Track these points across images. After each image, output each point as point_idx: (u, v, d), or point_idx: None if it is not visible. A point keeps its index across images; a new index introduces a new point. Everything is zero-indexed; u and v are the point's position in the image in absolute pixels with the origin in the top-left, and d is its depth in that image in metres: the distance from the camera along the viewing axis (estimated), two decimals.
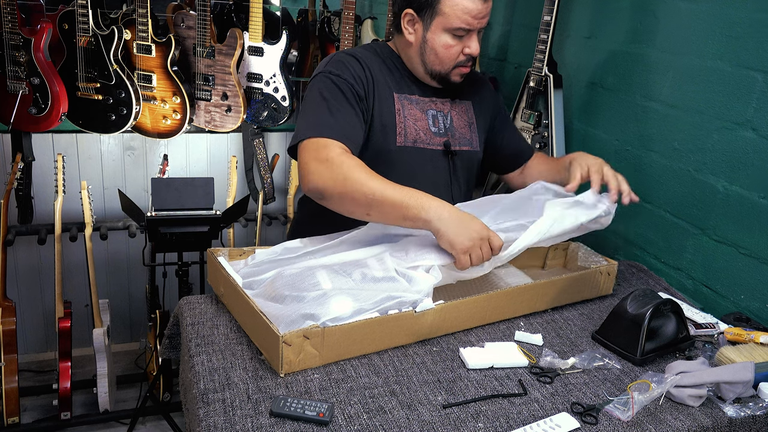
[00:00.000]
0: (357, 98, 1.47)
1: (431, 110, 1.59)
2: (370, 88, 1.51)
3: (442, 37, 1.48)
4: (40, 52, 2.22)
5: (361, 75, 1.50)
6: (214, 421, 1.01)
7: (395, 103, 1.54)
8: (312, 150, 1.38)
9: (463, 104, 1.67)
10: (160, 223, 2.15)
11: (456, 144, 1.62)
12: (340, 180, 1.33)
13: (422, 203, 1.30)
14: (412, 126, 1.55)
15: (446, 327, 1.31)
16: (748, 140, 1.59)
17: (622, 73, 2.01)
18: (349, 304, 1.19)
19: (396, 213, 1.31)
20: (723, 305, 1.67)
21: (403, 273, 1.29)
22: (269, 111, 2.48)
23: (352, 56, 1.53)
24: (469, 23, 1.46)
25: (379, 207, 1.31)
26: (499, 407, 1.11)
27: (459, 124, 1.64)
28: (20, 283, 2.76)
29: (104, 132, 2.39)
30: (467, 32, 1.48)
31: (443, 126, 1.60)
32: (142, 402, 2.39)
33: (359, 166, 1.35)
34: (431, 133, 1.58)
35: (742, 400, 1.19)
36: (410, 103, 1.57)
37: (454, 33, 1.47)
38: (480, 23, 1.48)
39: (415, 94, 1.58)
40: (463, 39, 1.49)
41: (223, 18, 2.49)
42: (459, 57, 1.51)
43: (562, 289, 1.47)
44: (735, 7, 1.63)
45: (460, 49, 1.50)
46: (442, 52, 1.50)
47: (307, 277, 1.26)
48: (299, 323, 1.15)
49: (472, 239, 1.28)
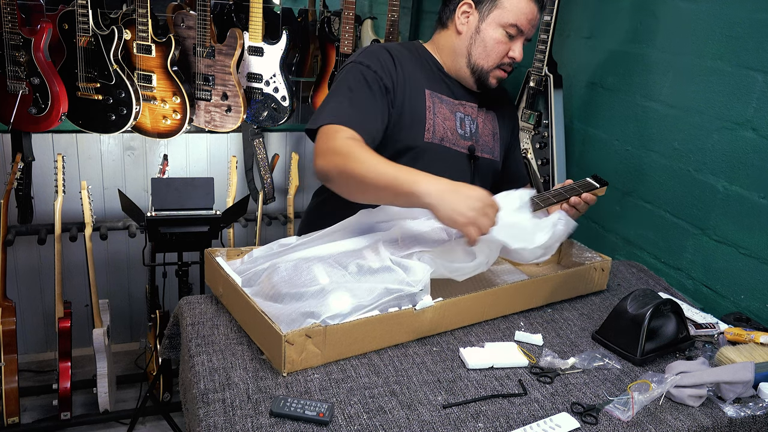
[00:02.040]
0: (383, 90, 1.47)
1: (459, 113, 1.60)
2: (399, 82, 1.51)
3: (496, 30, 1.51)
4: (40, 52, 2.22)
5: (391, 68, 1.51)
6: (214, 421, 1.01)
7: (426, 100, 1.55)
8: (324, 135, 1.40)
9: (490, 114, 1.68)
10: (160, 223, 2.15)
11: (480, 150, 1.63)
12: (341, 160, 1.33)
13: (413, 178, 1.24)
14: (441, 124, 1.56)
15: (446, 324, 1.31)
16: (748, 140, 1.59)
17: (622, 73, 2.01)
18: (347, 300, 1.20)
19: (389, 190, 1.27)
20: (723, 305, 1.67)
21: (398, 262, 1.29)
22: (269, 111, 2.48)
23: (385, 49, 1.55)
24: (522, 24, 1.50)
25: (374, 185, 1.29)
26: (499, 407, 1.11)
27: (484, 132, 1.65)
28: (20, 283, 2.77)
29: (104, 132, 2.39)
30: (518, 33, 1.52)
31: (470, 130, 1.61)
32: (142, 402, 2.39)
33: (362, 148, 1.34)
34: (458, 135, 1.59)
35: (742, 400, 1.19)
36: (441, 102, 1.58)
37: (507, 30, 1.51)
38: (529, 29, 1.53)
39: (445, 95, 1.60)
40: (512, 41, 1.53)
41: (223, 18, 2.49)
42: (504, 58, 1.54)
43: (558, 285, 1.48)
44: (735, 7, 1.63)
45: (507, 49, 1.53)
46: (491, 46, 1.53)
47: (304, 272, 1.26)
48: (300, 322, 1.15)
49: (474, 208, 1.21)
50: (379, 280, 1.25)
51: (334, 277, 1.25)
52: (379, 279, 1.26)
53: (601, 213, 2.12)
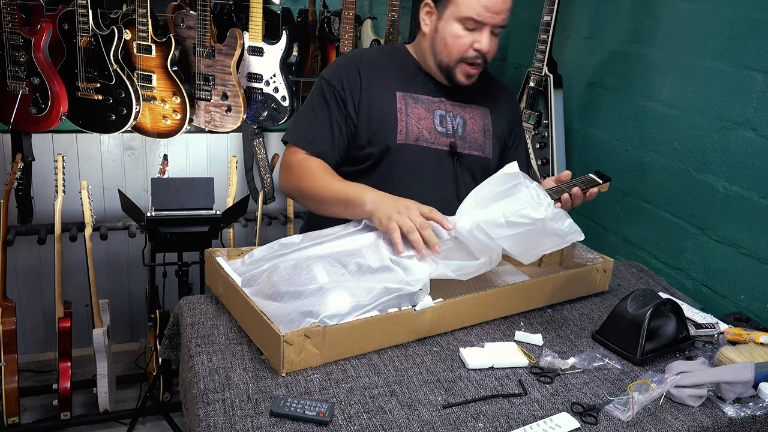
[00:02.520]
0: (340, 105, 1.55)
1: (439, 110, 1.60)
2: (364, 90, 1.55)
3: (453, 26, 1.49)
4: (40, 52, 2.22)
5: (352, 80, 1.55)
6: (214, 421, 1.01)
7: (397, 102, 1.56)
8: (285, 155, 1.58)
9: (480, 110, 1.66)
10: (160, 223, 2.15)
11: (465, 147, 1.61)
12: (296, 182, 1.51)
13: (358, 193, 1.40)
14: (415, 124, 1.56)
15: (446, 325, 1.31)
16: (748, 140, 1.59)
17: (622, 73, 2.01)
18: (346, 299, 1.19)
19: (342, 206, 1.43)
20: (723, 305, 1.67)
21: (398, 262, 1.29)
22: (269, 111, 2.48)
23: (351, 60, 1.59)
24: (480, 14, 1.46)
25: (329, 203, 1.46)
26: (499, 407, 1.11)
27: (473, 128, 1.63)
28: (20, 283, 2.76)
29: (104, 132, 2.39)
30: (479, 25, 1.47)
31: (451, 127, 1.60)
32: (142, 402, 2.39)
33: (314, 167, 1.49)
34: (437, 133, 1.58)
35: (742, 400, 1.19)
36: (415, 102, 1.58)
37: (464, 24, 1.47)
38: (493, 19, 1.47)
39: (422, 94, 1.59)
40: (474, 32, 1.49)
41: (223, 18, 2.49)
42: (468, 51, 1.50)
43: (559, 286, 1.48)
44: (735, 7, 1.63)
45: (470, 42, 1.49)
46: (450, 42, 1.50)
47: (303, 270, 1.26)
48: (298, 321, 1.15)
49: (397, 209, 1.33)
50: (378, 279, 1.25)
51: (333, 276, 1.25)
52: (379, 278, 1.26)
53: (601, 213, 2.12)
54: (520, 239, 1.28)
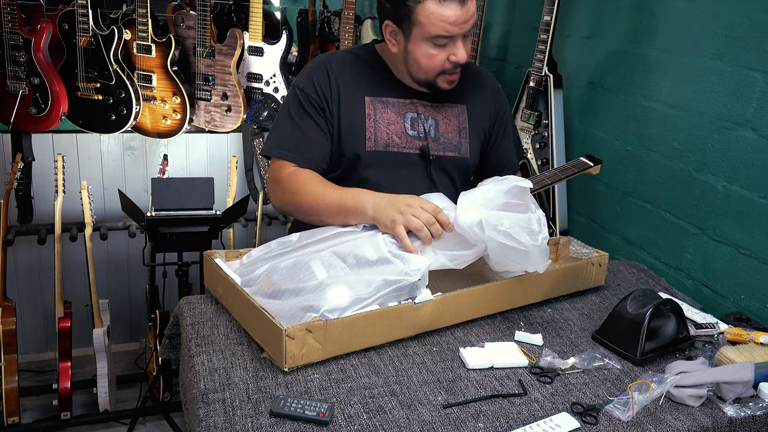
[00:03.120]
0: (319, 111, 1.52)
1: (410, 113, 1.56)
2: (334, 97, 1.52)
3: (423, 47, 1.44)
4: (40, 52, 2.22)
5: (324, 86, 1.52)
6: (214, 421, 1.01)
7: (366, 108, 1.53)
8: (271, 171, 1.55)
9: (455, 108, 1.61)
10: (160, 223, 2.15)
11: (439, 149, 1.58)
12: (290, 197, 1.48)
13: (358, 199, 1.39)
14: (384, 130, 1.53)
15: (445, 319, 1.32)
16: (748, 140, 1.59)
17: (622, 73, 2.01)
18: (345, 293, 1.20)
19: (343, 216, 1.41)
20: (723, 305, 1.67)
21: (396, 253, 1.29)
22: (269, 111, 2.48)
23: (320, 64, 1.56)
24: (448, 30, 1.40)
25: (326, 213, 1.43)
26: (499, 407, 1.11)
27: (446, 129, 1.59)
28: (20, 283, 2.77)
29: (104, 132, 2.39)
30: (449, 39, 1.43)
31: (423, 129, 1.56)
32: (142, 402, 2.39)
33: (306, 179, 1.47)
34: (408, 137, 1.55)
35: (742, 400, 1.19)
36: (384, 106, 1.54)
37: (434, 42, 1.43)
38: (461, 29, 1.42)
39: (393, 97, 1.56)
40: (447, 47, 1.44)
41: (223, 18, 2.49)
42: (444, 65, 1.46)
43: (556, 281, 1.48)
44: (735, 7, 1.63)
45: (445, 57, 1.45)
46: (424, 62, 1.46)
47: (302, 268, 1.26)
48: (299, 316, 1.16)
49: (400, 211, 1.32)
50: (377, 272, 1.25)
51: (332, 271, 1.25)
52: (378, 271, 1.25)
53: (601, 213, 2.12)
54: (505, 249, 1.29)
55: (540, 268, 1.32)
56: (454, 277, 1.44)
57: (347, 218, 1.41)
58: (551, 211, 2.18)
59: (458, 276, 1.46)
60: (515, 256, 1.30)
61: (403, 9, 1.41)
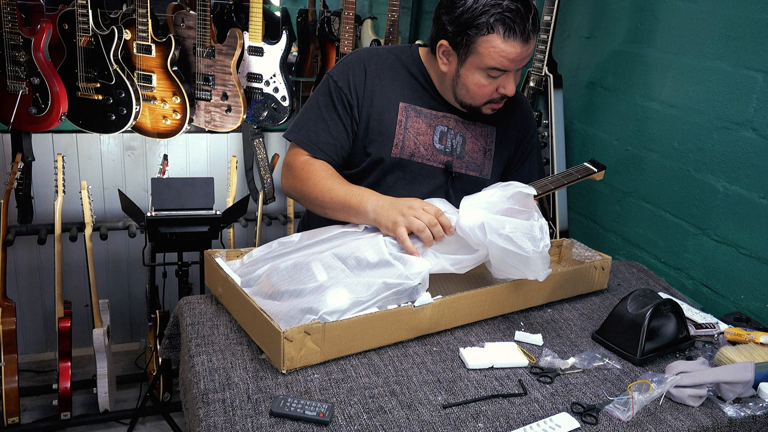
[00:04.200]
0: (346, 107, 1.52)
1: (440, 126, 1.55)
2: (367, 96, 1.51)
3: (475, 75, 1.43)
4: (40, 52, 2.22)
5: (359, 83, 1.51)
6: (214, 421, 1.01)
7: (398, 114, 1.52)
8: (288, 155, 1.57)
9: (485, 129, 1.60)
10: (160, 223, 2.15)
11: (462, 167, 1.57)
12: (299, 184, 1.50)
13: (359, 199, 1.40)
14: (412, 139, 1.53)
15: (445, 322, 1.31)
16: (748, 140, 1.59)
17: (622, 73, 2.01)
18: (345, 296, 1.20)
19: (345, 213, 1.43)
20: (723, 305, 1.67)
21: (397, 256, 1.29)
22: (269, 111, 2.48)
23: (360, 61, 1.54)
24: (504, 65, 1.40)
25: (330, 207, 1.45)
26: (499, 407, 1.11)
27: (472, 148, 1.59)
28: (20, 283, 2.77)
29: (104, 132, 2.39)
30: (503, 72, 1.42)
31: (450, 145, 1.56)
32: (142, 402, 2.39)
33: (318, 170, 1.48)
34: (434, 150, 1.55)
35: (742, 400, 1.19)
36: (417, 115, 1.54)
37: (488, 73, 1.42)
38: (518, 65, 1.42)
39: (426, 108, 1.55)
40: (498, 79, 1.44)
41: (223, 18, 2.49)
42: (493, 95, 1.47)
43: (558, 284, 1.48)
44: (735, 7, 1.63)
45: (494, 88, 1.45)
46: (474, 90, 1.46)
47: (303, 269, 1.26)
48: (298, 318, 1.15)
49: (401, 212, 1.33)
50: (377, 274, 1.25)
51: (333, 273, 1.25)
52: (378, 274, 1.25)
53: (601, 213, 2.12)
54: (505, 254, 1.29)
55: (540, 276, 1.32)
56: (455, 279, 1.44)
57: (349, 216, 1.42)
58: (551, 211, 2.18)
59: (459, 278, 1.46)
60: (516, 262, 1.30)
61: (464, 36, 1.40)
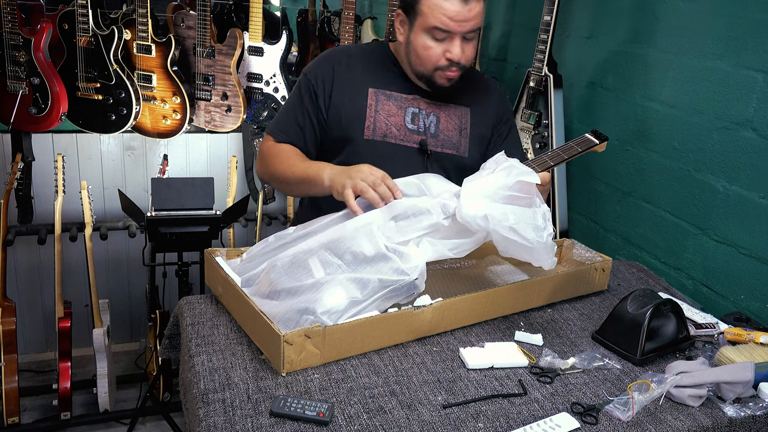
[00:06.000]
0: (313, 97, 1.60)
1: (411, 108, 1.60)
2: (333, 87, 1.59)
3: (421, 37, 1.48)
4: (40, 52, 2.22)
5: (326, 75, 1.60)
6: (214, 421, 1.01)
7: (368, 98, 1.58)
8: (260, 145, 1.69)
9: (459, 109, 1.64)
10: (160, 223, 2.15)
11: (438, 145, 1.61)
12: (267, 167, 1.61)
13: (318, 170, 1.46)
14: (383, 121, 1.58)
15: (445, 324, 1.31)
16: (748, 140, 1.59)
17: (622, 73, 2.01)
18: (342, 295, 1.19)
19: (306, 185, 1.50)
20: (723, 305, 1.67)
21: (393, 249, 1.27)
22: (269, 111, 2.48)
23: (331, 55, 1.65)
24: (446, 24, 1.43)
25: (295, 183, 1.54)
26: (499, 407, 1.11)
27: (446, 127, 1.62)
28: (20, 283, 2.77)
29: (104, 132, 2.39)
30: (447, 34, 1.46)
31: (423, 124, 1.61)
32: (142, 402, 2.39)
33: (282, 151, 1.58)
34: (407, 130, 1.59)
35: (742, 400, 1.19)
36: (387, 98, 1.59)
37: (433, 34, 1.46)
38: (462, 27, 1.44)
39: (396, 91, 1.60)
40: (445, 42, 1.47)
41: (223, 18, 2.49)
42: (440, 60, 1.49)
43: (558, 286, 1.48)
44: (735, 7, 1.63)
45: (441, 52, 1.48)
46: (422, 53, 1.50)
47: (300, 266, 1.26)
48: (295, 320, 1.15)
49: (349, 176, 1.37)
50: (374, 270, 1.24)
51: (330, 269, 1.24)
52: (375, 269, 1.24)
53: (601, 213, 2.12)
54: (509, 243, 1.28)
55: (546, 264, 1.29)
56: (456, 279, 1.44)
57: (310, 188, 1.50)
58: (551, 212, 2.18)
59: (460, 279, 1.46)
60: (521, 251, 1.29)
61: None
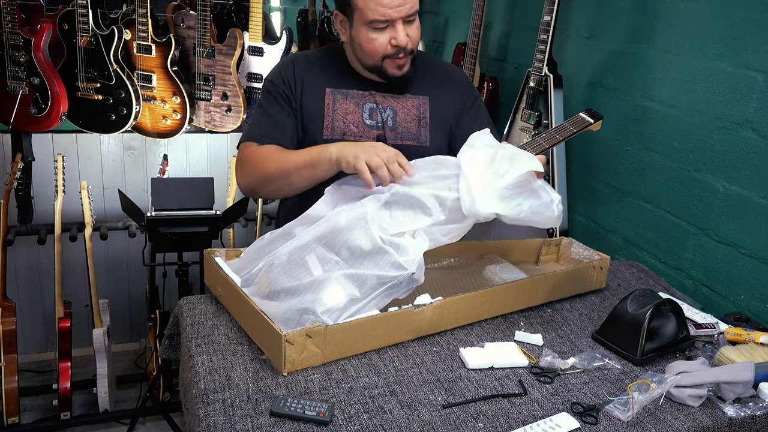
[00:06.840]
0: (286, 99, 1.60)
1: (368, 104, 1.62)
2: (297, 88, 1.60)
3: (363, 32, 1.50)
4: (40, 52, 2.22)
5: (289, 77, 1.60)
6: (214, 421, 1.01)
7: (325, 98, 1.60)
8: (238, 154, 1.61)
9: (417, 99, 1.65)
10: (160, 223, 2.15)
11: (397, 138, 1.61)
12: (255, 171, 1.52)
13: (322, 148, 1.43)
14: (341, 119, 1.59)
15: (445, 323, 1.31)
16: (748, 140, 1.59)
17: (622, 73, 2.01)
18: (341, 294, 1.19)
19: (309, 169, 1.45)
20: (723, 305, 1.67)
21: (390, 242, 1.26)
22: None
23: (289, 60, 1.66)
24: (383, 14, 1.45)
25: (295, 172, 1.46)
26: (499, 407, 1.11)
27: (404, 119, 1.63)
28: (20, 283, 2.77)
29: (104, 132, 2.39)
30: (387, 23, 1.48)
31: (381, 119, 1.61)
32: (142, 402, 2.39)
33: (270, 149, 1.53)
34: (365, 126, 1.60)
35: (742, 400, 1.19)
36: (344, 97, 1.61)
37: (373, 26, 1.48)
38: (398, 12, 1.46)
39: (352, 89, 1.62)
40: (387, 30, 1.49)
41: (223, 18, 2.49)
42: (387, 49, 1.51)
43: (557, 284, 1.48)
44: (735, 7, 1.63)
45: (385, 41, 1.50)
46: (366, 47, 1.51)
47: (297, 264, 1.26)
48: (296, 319, 1.16)
49: (362, 149, 1.35)
50: (372, 265, 1.23)
51: (327, 266, 1.24)
52: (373, 264, 1.24)
53: (601, 213, 2.12)
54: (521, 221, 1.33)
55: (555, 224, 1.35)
56: (455, 279, 1.44)
57: (314, 169, 1.44)
58: None
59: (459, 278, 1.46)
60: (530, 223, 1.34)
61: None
